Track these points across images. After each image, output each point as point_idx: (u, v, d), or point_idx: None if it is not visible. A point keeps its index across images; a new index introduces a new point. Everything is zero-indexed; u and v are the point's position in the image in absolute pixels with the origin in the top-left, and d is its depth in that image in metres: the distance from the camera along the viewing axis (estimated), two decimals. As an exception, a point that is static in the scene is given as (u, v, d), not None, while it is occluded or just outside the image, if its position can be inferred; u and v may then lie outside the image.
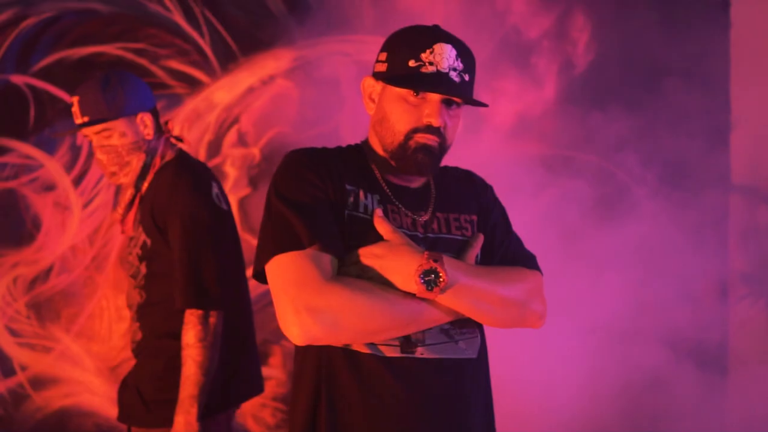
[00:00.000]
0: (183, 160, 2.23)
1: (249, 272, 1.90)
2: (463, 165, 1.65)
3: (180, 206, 2.08)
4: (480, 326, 1.49)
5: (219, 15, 3.51)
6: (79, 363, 3.49)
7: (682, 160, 3.33)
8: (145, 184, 2.20)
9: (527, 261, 1.54)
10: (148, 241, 2.14)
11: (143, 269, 2.16)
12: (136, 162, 2.19)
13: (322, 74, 3.43)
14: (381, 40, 1.51)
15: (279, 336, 3.44)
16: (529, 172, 3.28)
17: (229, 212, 2.23)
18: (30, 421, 3.47)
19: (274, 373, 3.49)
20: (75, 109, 2.17)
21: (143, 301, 2.17)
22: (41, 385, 3.48)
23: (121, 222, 2.27)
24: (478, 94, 1.50)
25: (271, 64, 3.49)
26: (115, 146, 2.16)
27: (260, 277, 1.40)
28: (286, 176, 1.42)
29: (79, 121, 2.18)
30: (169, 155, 2.23)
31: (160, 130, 2.25)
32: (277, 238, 1.35)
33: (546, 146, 3.42)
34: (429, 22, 1.50)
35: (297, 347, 1.44)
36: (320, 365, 1.39)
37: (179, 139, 2.29)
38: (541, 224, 3.12)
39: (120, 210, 2.25)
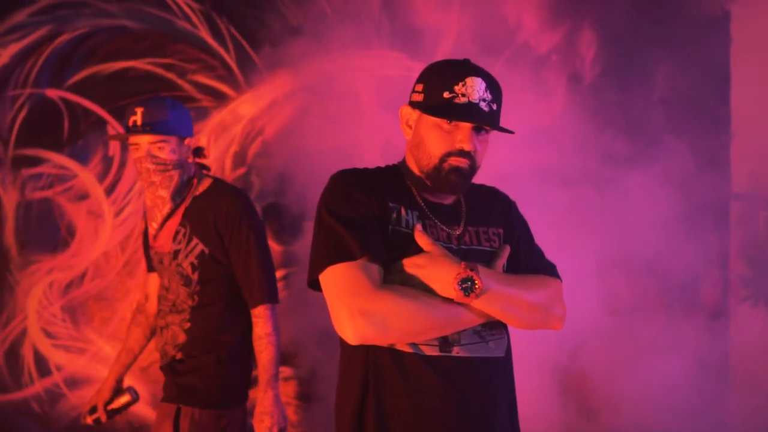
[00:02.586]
0: (225, 182, 2.59)
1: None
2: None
3: (251, 218, 2.42)
4: (506, 328, 1.66)
5: (243, 31, 3.63)
6: (112, 364, 3.64)
7: (685, 168, 3.44)
8: (187, 200, 2.45)
9: (549, 270, 1.72)
10: (206, 249, 2.40)
11: (195, 276, 2.41)
12: (177, 178, 2.43)
13: (342, 88, 3.52)
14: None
15: (301, 338, 3.59)
16: (538, 180, 3.41)
17: None
18: (65, 419, 3.61)
19: (296, 372, 3.62)
20: (137, 118, 2.38)
21: (196, 304, 2.42)
22: (76, 384, 3.62)
23: (154, 236, 2.48)
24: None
25: (294, 78, 3.59)
26: (164, 159, 2.39)
27: (314, 285, 1.57)
28: (336, 195, 1.59)
29: (139, 128, 2.38)
30: (207, 178, 2.51)
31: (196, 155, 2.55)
32: (331, 251, 1.52)
33: (555, 156, 3.55)
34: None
35: (344, 347, 1.61)
36: (368, 363, 1.55)
37: (206, 167, 2.57)
38: (546, 230, 3.23)
39: (156, 225, 2.47)
